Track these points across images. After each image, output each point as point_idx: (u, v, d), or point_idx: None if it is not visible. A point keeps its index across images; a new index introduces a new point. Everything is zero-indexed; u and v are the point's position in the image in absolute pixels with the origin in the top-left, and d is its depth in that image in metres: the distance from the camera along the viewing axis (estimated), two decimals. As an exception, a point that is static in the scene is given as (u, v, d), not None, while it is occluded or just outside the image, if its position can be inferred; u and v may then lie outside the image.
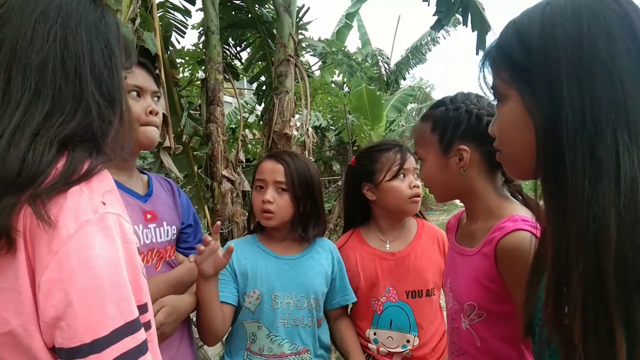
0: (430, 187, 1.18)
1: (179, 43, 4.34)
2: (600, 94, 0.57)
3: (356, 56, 7.24)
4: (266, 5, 3.87)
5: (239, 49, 4.24)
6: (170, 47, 3.42)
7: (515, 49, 0.65)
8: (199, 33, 3.89)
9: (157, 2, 2.60)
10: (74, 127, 0.66)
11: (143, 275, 0.69)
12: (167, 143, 2.35)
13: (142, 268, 0.70)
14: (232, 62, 4.29)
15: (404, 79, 14.05)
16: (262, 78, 4.23)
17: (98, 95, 0.70)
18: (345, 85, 11.34)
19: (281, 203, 1.40)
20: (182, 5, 3.61)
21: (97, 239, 0.61)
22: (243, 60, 4.37)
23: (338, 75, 8.29)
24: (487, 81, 0.72)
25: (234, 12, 3.94)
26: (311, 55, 5.21)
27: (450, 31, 11.50)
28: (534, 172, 0.66)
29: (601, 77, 0.57)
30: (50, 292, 0.58)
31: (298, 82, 3.46)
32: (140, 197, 1.25)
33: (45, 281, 0.58)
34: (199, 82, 3.94)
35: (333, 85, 9.35)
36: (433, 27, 4.09)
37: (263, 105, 4.27)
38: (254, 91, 4.45)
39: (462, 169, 1.07)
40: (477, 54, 3.99)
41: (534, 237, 0.87)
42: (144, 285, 0.69)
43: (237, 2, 3.85)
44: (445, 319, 1.57)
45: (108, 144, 0.71)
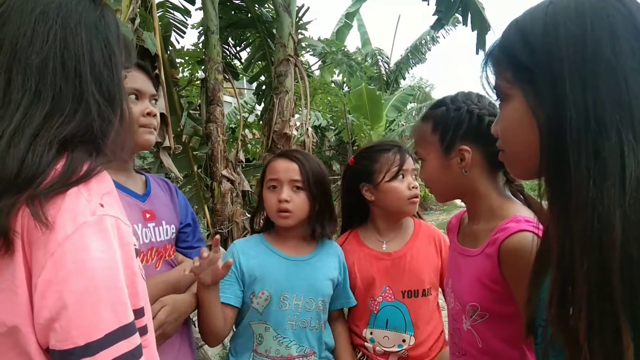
0: (432, 187, 1.17)
1: (178, 43, 4.33)
2: (604, 93, 0.57)
3: (356, 56, 7.24)
4: (266, 5, 3.87)
5: (238, 49, 4.23)
6: (170, 47, 3.42)
7: (518, 48, 0.65)
8: (199, 33, 3.88)
9: (156, 1, 2.60)
10: (74, 128, 0.65)
11: (142, 279, 0.69)
12: (166, 143, 2.34)
13: (140, 271, 0.69)
14: (232, 62, 4.28)
15: (404, 78, 14.06)
16: (262, 78, 4.22)
17: (98, 94, 0.69)
18: (345, 85, 11.34)
19: (298, 202, 1.39)
20: (182, 5, 3.61)
21: (94, 241, 0.60)
22: (243, 60, 4.37)
23: (338, 75, 8.29)
24: (490, 81, 0.72)
25: (233, 12, 3.94)
26: (311, 55, 5.22)
27: (450, 30, 11.51)
28: (537, 172, 0.65)
29: (605, 77, 0.57)
30: (45, 293, 0.58)
31: (298, 82, 3.45)
32: (138, 197, 1.26)
33: (40, 282, 0.58)
34: (198, 81, 3.94)
35: (333, 85, 9.35)
36: (433, 27, 4.09)
37: (263, 105, 4.27)
38: (254, 91, 4.44)
39: (464, 169, 1.06)
40: (477, 53, 3.99)
41: (537, 238, 0.87)
42: (141, 289, 0.68)
43: (237, 1, 3.85)
44: (445, 318, 1.58)
45: (108, 144, 0.71)
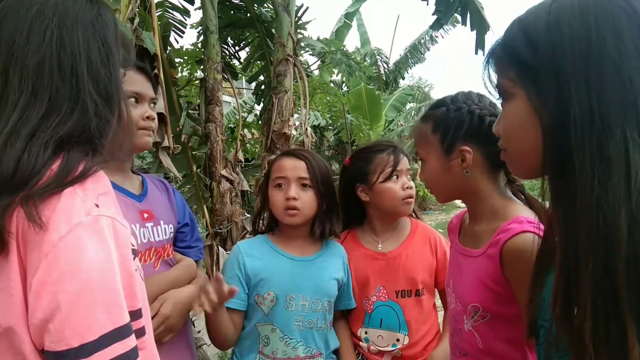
0: (432, 188, 1.17)
1: (177, 42, 4.34)
2: (609, 92, 0.56)
3: (355, 56, 7.24)
4: (265, 5, 3.87)
5: (237, 49, 4.23)
6: (169, 47, 3.41)
7: (521, 47, 0.65)
8: (198, 32, 3.88)
9: (155, 1, 2.60)
10: (71, 127, 0.65)
11: (140, 280, 0.68)
12: (165, 143, 2.34)
13: (139, 271, 0.69)
14: (231, 62, 4.28)
15: (403, 78, 14.07)
16: (261, 77, 4.22)
17: (95, 94, 0.69)
18: (344, 84, 11.35)
19: (306, 199, 1.38)
20: (181, 4, 3.61)
21: (89, 242, 0.60)
22: (242, 60, 4.37)
23: (337, 75, 8.30)
24: (492, 79, 0.72)
25: (232, 12, 3.94)
26: (310, 54, 5.22)
27: (449, 30, 11.50)
28: (540, 171, 0.65)
29: (610, 76, 0.56)
30: (39, 294, 0.57)
31: (297, 82, 3.45)
32: (135, 197, 1.26)
33: (35, 283, 0.57)
34: (197, 81, 3.93)
35: (332, 84, 9.35)
36: (432, 27, 4.09)
37: (262, 104, 4.27)
38: (253, 90, 4.44)
39: (465, 170, 1.06)
40: (476, 53, 3.98)
41: (540, 239, 0.87)
42: (139, 291, 0.68)
43: (236, 1, 3.85)
44: (440, 319, 1.58)
45: (105, 144, 0.70)
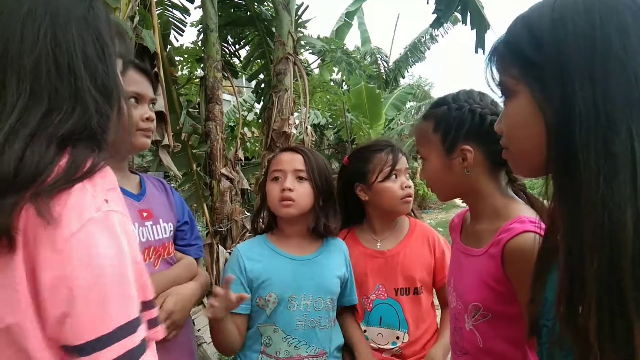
0: (433, 186, 1.17)
1: (177, 41, 4.33)
2: (614, 89, 0.56)
3: (355, 54, 7.23)
4: (265, 3, 3.86)
5: (237, 47, 4.23)
6: (169, 45, 3.41)
7: (525, 44, 0.64)
8: (198, 31, 3.88)
9: (155, -1, 2.60)
10: (72, 125, 0.65)
11: (147, 272, 0.70)
12: (165, 141, 2.34)
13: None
14: (231, 60, 4.28)
15: (403, 77, 14.06)
16: (261, 76, 4.22)
17: (94, 90, 0.68)
18: (344, 83, 11.34)
19: (302, 191, 1.37)
20: (181, 3, 3.61)
21: (101, 237, 0.60)
22: (242, 58, 4.37)
23: (337, 74, 8.29)
24: (494, 77, 0.71)
25: (232, 10, 3.93)
26: (310, 53, 5.21)
27: (449, 29, 11.49)
28: (543, 169, 0.65)
29: (615, 73, 0.56)
30: (54, 290, 0.58)
31: (297, 80, 3.45)
32: (134, 197, 1.26)
33: (49, 279, 0.58)
34: (197, 80, 3.93)
35: (332, 83, 9.34)
36: (432, 25, 4.09)
37: (262, 103, 4.27)
38: (253, 89, 4.44)
39: (466, 169, 1.05)
40: (477, 52, 3.98)
41: (542, 238, 0.87)
42: (149, 282, 0.69)
43: (236, -1, 3.85)
44: (437, 318, 1.58)
45: (107, 140, 0.70)
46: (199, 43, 3.98)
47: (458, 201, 1.18)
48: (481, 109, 1.05)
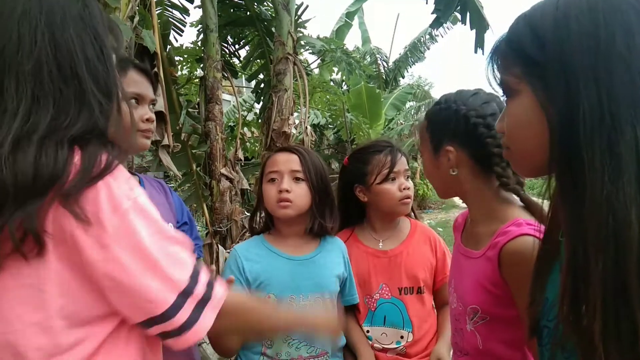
0: (430, 182, 1.19)
1: (176, 41, 4.33)
2: (618, 88, 0.56)
3: (354, 54, 7.23)
4: (265, 3, 3.87)
5: (237, 47, 4.23)
6: (169, 45, 3.41)
7: (527, 43, 0.64)
8: (198, 31, 3.88)
9: (155, -1, 2.60)
10: (80, 128, 0.64)
11: None
12: (165, 141, 2.34)
13: None
14: (231, 60, 4.28)
15: (403, 77, 14.05)
16: (261, 76, 4.22)
17: (98, 92, 0.68)
18: (344, 83, 11.34)
19: (299, 191, 1.36)
20: (180, 3, 3.61)
21: (139, 224, 0.64)
22: (241, 58, 4.37)
23: (337, 74, 8.29)
24: (496, 76, 0.70)
25: (232, 10, 3.94)
26: (310, 53, 5.20)
27: (448, 29, 11.47)
28: (545, 169, 0.64)
29: (619, 72, 0.56)
30: (118, 285, 0.62)
31: (297, 80, 3.45)
32: None
33: (107, 274, 0.62)
34: (197, 80, 3.94)
35: (332, 83, 9.35)
36: (432, 25, 4.09)
37: (261, 103, 4.27)
38: (253, 89, 4.44)
39: (451, 169, 1.06)
40: (476, 52, 3.98)
41: (539, 241, 0.86)
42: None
43: (236, -1, 3.85)
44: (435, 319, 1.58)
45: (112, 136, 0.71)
46: (199, 43, 3.98)
47: (458, 201, 1.18)
48: (466, 110, 1.04)
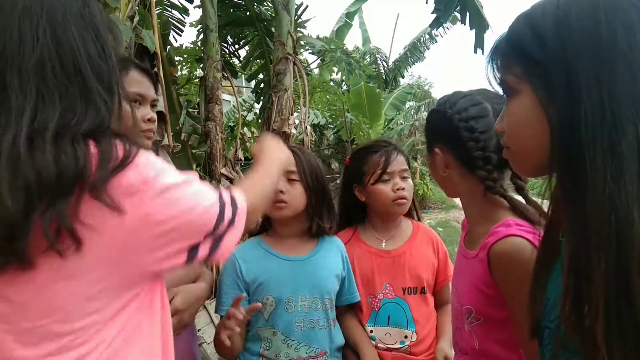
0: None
1: (176, 41, 4.33)
2: (620, 87, 0.55)
3: (354, 54, 7.23)
4: (265, 3, 3.87)
5: (237, 47, 4.23)
6: (169, 45, 3.42)
7: (528, 42, 0.63)
8: (198, 31, 3.88)
9: (155, -1, 2.60)
10: (88, 125, 0.64)
11: None
12: (165, 141, 2.34)
13: None
14: (231, 60, 4.29)
15: (403, 77, 14.06)
16: (261, 76, 4.23)
17: (102, 90, 0.68)
18: (344, 83, 11.34)
19: (294, 193, 1.37)
20: (180, 3, 3.61)
21: (170, 182, 0.67)
22: (241, 58, 4.37)
23: (337, 74, 8.29)
24: (496, 75, 0.70)
25: (232, 10, 3.94)
26: (310, 53, 5.21)
27: (448, 29, 11.46)
28: (545, 169, 0.64)
29: (621, 71, 0.56)
30: (175, 219, 0.67)
31: (296, 80, 3.46)
32: None
33: (160, 222, 0.65)
34: (197, 80, 3.94)
35: (331, 83, 9.34)
36: (431, 25, 4.10)
37: (261, 103, 4.27)
38: (253, 89, 4.45)
39: (441, 170, 1.08)
40: (476, 52, 3.99)
41: (528, 242, 0.86)
42: None
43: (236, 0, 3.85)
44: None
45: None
46: (199, 43, 3.98)
47: (457, 201, 1.19)
48: (451, 112, 1.04)
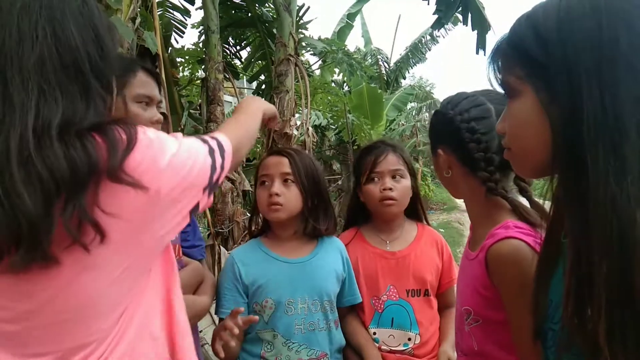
0: None
1: (177, 42, 4.34)
2: (622, 89, 0.55)
3: (356, 55, 7.23)
4: (266, 4, 3.88)
5: (238, 48, 4.24)
6: (170, 47, 3.42)
7: (530, 43, 0.63)
8: (199, 32, 3.88)
9: (156, 1, 2.60)
10: (89, 122, 0.64)
11: None
12: (167, 142, 2.35)
13: None
14: (232, 61, 4.29)
15: (404, 78, 14.04)
16: (262, 77, 4.23)
17: (101, 89, 0.68)
18: (345, 84, 11.34)
19: (289, 195, 1.36)
20: (182, 4, 3.62)
21: (171, 150, 0.69)
22: (243, 60, 4.37)
23: (338, 75, 8.30)
24: (497, 76, 0.70)
25: (233, 11, 3.95)
26: (311, 54, 5.21)
27: (449, 30, 11.45)
28: (547, 170, 0.64)
29: (623, 72, 0.56)
30: (185, 179, 0.70)
31: (298, 81, 3.46)
32: None
33: (175, 185, 0.68)
34: (199, 81, 3.95)
35: (333, 84, 9.35)
36: (433, 26, 4.10)
37: (263, 104, 4.27)
38: (254, 90, 4.45)
39: (445, 171, 1.08)
40: (477, 53, 3.99)
41: (526, 245, 0.85)
42: None
43: (237, 1, 3.85)
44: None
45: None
46: (200, 44, 3.99)
47: (459, 203, 1.19)
48: (453, 114, 1.04)
